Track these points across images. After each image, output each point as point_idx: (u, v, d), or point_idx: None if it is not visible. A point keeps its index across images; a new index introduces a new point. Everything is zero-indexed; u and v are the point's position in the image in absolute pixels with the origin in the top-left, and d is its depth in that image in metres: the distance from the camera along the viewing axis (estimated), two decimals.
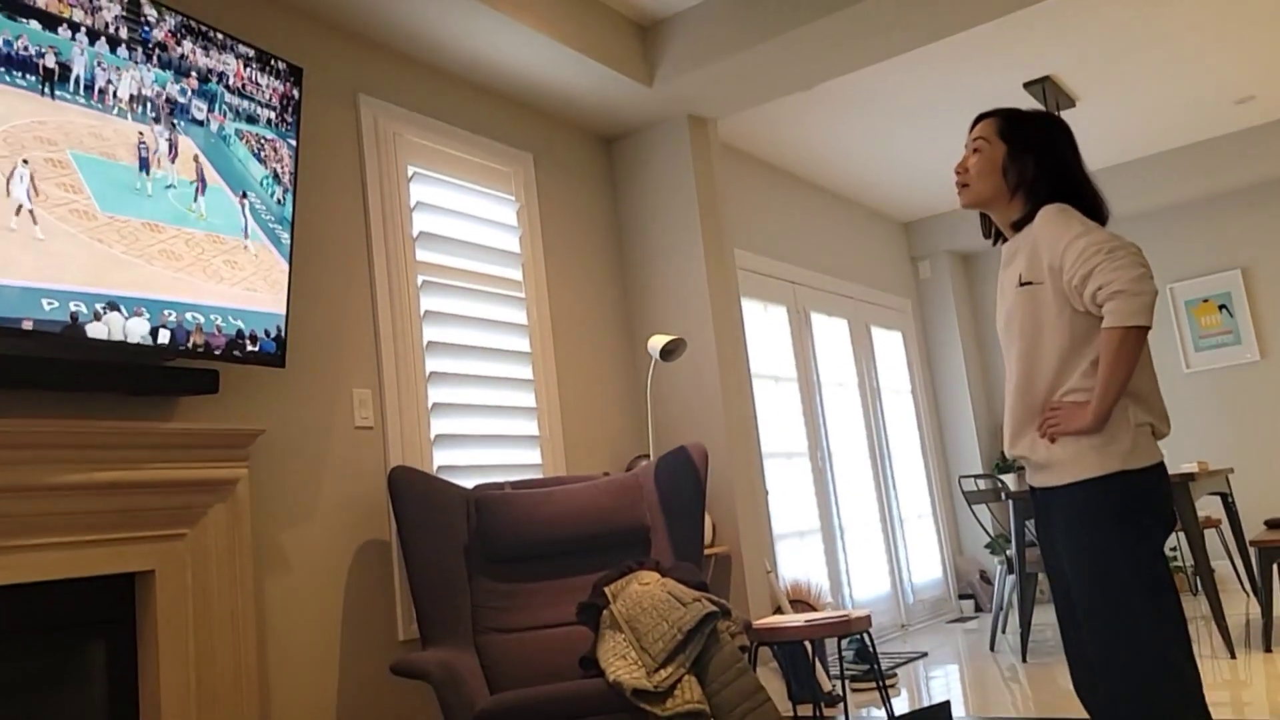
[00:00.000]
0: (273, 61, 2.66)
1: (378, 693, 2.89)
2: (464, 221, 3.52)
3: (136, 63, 2.30)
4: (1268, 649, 4.08)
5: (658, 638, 2.45)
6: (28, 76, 2.09)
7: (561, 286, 3.90)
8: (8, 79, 2.05)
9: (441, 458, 3.24)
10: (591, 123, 4.16)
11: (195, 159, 2.42)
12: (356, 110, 3.23)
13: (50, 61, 2.13)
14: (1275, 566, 4.90)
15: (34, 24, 2.10)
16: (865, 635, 3.45)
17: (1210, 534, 6.21)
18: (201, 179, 2.43)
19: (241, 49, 2.57)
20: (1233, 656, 4.04)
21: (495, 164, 3.72)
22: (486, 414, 3.43)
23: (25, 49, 2.09)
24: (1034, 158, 2.05)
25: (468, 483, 3.25)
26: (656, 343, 3.63)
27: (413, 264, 3.29)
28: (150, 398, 2.48)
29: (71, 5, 2.17)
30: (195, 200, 2.41)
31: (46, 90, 2.12)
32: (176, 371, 2.42)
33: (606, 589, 2.70)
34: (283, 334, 2.62)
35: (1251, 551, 5.99)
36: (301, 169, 3.00)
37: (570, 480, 3.22)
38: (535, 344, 3.68)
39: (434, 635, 2.73)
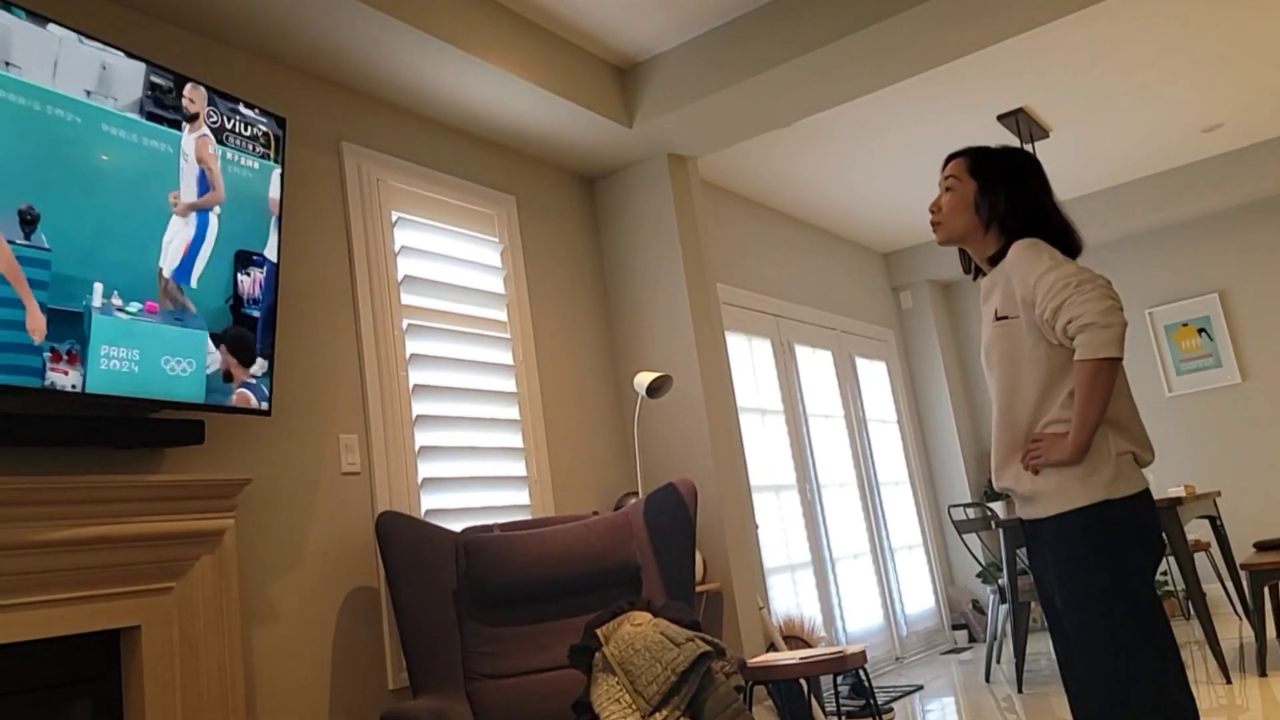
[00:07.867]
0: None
1: None
2: (448, 264, 3.53)
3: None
4: (1263, 673, 4.07)
5: (651, 680, 2.43)
6: None
7: (546, 326, 3.91)
8: None
9: (429, 501, 3.22)
10: (573, 163, 4.19)
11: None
12: (340, 158, 3.25)
13: None
14: (1266, 589, 4.92)
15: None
16: (860, 670, 3.43)
17: (1200, 557, 6.22)
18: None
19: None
20: (1228, 681, 4.03)
21: (478, 207, 3.74)
22: (474, 456, 3.41)
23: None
24: (1004, 193, 2.09)
25: (456, 526, 3.23)
26: (642, 380, 3.64)
27: (398, 308, 3.30)
28: (136, 450, 2.46)
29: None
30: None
31: None
32: (162, 423, 2.41)
33: (598, 631, 2.68)
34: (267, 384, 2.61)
35: (1242, 574, 6.02)
36: (285, 216, 3.00)
37: (559, 520, 3.20)
38: (521, 384, 3.67)
39: (425, 683, 2.70)
